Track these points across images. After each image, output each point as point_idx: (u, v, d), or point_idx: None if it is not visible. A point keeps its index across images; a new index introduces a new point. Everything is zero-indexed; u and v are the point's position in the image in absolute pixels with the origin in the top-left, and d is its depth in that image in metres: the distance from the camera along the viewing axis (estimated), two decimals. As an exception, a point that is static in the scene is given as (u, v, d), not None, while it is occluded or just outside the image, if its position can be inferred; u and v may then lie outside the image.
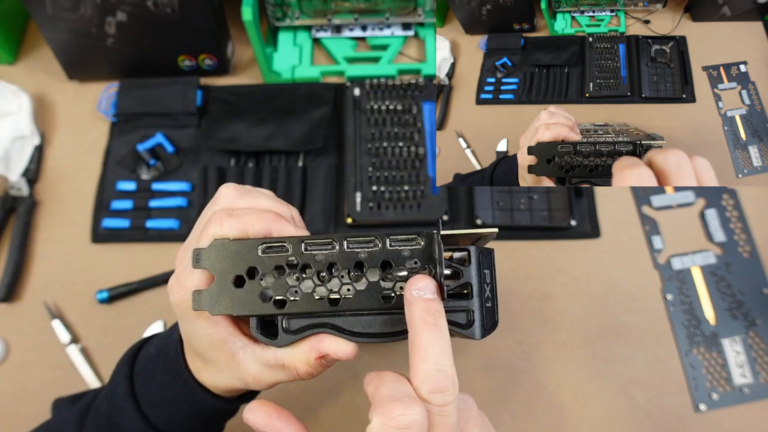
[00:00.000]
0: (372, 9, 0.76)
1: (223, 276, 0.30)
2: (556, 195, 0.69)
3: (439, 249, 0.28)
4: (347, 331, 0.30)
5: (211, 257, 0.30)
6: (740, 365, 0.63)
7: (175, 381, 0.35)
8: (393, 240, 0.29)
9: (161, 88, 0.73)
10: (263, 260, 0.29)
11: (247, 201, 0.33)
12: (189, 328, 0.32)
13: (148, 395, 0.36)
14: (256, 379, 0.32)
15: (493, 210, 0.69)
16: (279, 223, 0.31)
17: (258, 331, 0.30)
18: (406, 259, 0.29)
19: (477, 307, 0.30)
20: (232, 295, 0.29)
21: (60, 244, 0.68)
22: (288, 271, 0.29)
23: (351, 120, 0.72)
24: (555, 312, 0.65)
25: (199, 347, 0.33)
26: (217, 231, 0.30)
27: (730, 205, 0.70)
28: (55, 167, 0.73)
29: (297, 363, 0.31)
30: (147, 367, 0.37)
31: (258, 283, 0.29)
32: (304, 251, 0.29)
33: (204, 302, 0.30)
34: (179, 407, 0.36)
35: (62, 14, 0.67)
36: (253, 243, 0.30)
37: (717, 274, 0.66)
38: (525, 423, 0.60)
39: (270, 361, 0.31)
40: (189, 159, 0.72)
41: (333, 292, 0.29)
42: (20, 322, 0.65)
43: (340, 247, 0.29)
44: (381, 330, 0.30)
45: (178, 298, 0.31)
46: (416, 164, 0.69)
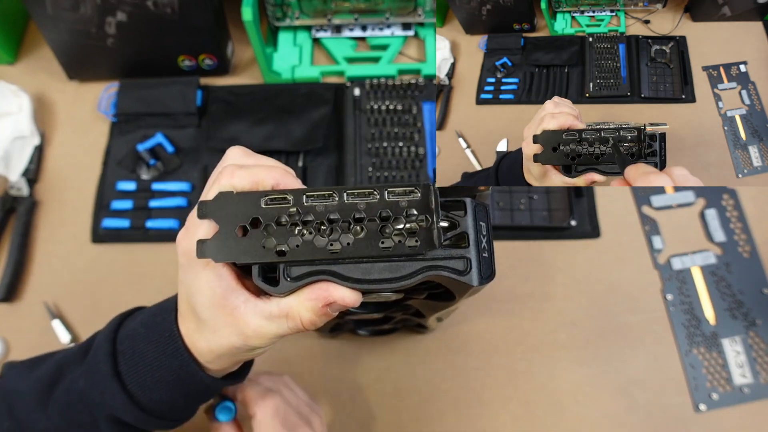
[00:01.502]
0: (372, 9, 0.76)
1: (227, 226, 0.31)
2: (556, 195, 0.69)
3: (435, 199, 0.30)
4: (347, 277, 0.31)
5: (216, 209, 0.31)
6: (740, 365, 0.63)
7: (170, 361, 0.35)
8: (391, 192, 0.30)
9: (161, 88, 0.73)
10: (266, 211, 0.31)
11: (256, 159, 0.34)
12: (194, 280, 0.33)
13: (135, 376, 0.36)
14: (257, 332, 0.32)
15: (493, 210, 0.69)
16: (286, 177, 0.32)
17: (260, 278, 0.31)
18: (403, 210, 0.30)
19: (474, 255, 0.31)
20: (236, 245, 0.31)
21: (60, 244, 0.68)
22: (289, 221, 0.31)
23: (351, 120, 0.72)
24: (555, 312, 0.65)
25: (199, 303, 0.33)
26: (229, 181, 0.32)
27: (730, 205, 0.70)
28: (55, 167, 0.73)
29: (302, 311, 0.31)
30: (134, 346, 0.36)
31: (261, 233, 0.31)
32: (306, 203, 0.31)
33: (208, 251, 0.31)
34: (171, 387, 0.36)
35: (62, 14, 0.67)
36: (256, 195, 0.31)
37: (717, 274, 0.66)
38: (525, 423, 0.60)
39: (273, 312, 0.32)
40: (189, 159, 0.72)
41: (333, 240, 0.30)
42: (20, 322, 0.65)
43: (340, 198, 0.30)
44: (380, 276, 0.31)
45: (186, 248, 0.32)
46: (416, 164, 0.69)
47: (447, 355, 0.63)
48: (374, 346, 0.63)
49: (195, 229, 0.32)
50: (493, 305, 0.65)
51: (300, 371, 0.62)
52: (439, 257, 0.31)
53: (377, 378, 0.62)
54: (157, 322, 0.37)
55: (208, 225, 0.32)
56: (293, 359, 0.63)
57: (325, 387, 0.62)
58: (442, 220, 0.31)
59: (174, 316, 0.36)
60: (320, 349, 0.63)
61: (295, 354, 0.63)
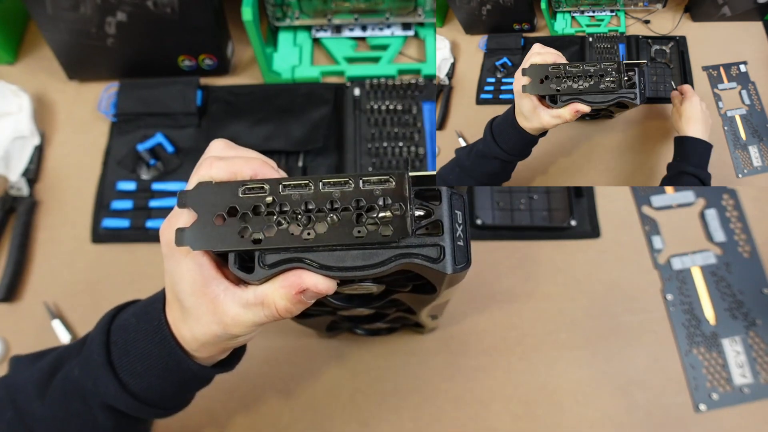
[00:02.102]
0: (372, 9, 0.76)
1: (205, 215, 0.31)
2: (556, 195, 0.69)
3: (409, 187, 0.30)
4: (321, 264, 0.31)
5: (195, 198, 0.32)
6: (740, 365, 0.63)
7: (158, 350, 0.36)
8: (365, 181, 0.31)
9: (161, 88, 0.73)
10: (243, 200, 0.31)
11: (236, 151, 0.35)
12: (176, 268, 0.34)
13: (128, 364, 0.37)
14: (235, 319, 0.33)
15: (493, 210, 0.69)
16: (265, 168, 0.33)
17: (236, 266, 0.32)
18: (378, 198, 0.31)
19: (448, 243, 0.31)
20: (213, 233, 0.31)
21: (60, 244, 0.68)
22: (265, 210, 0.31)
23: (351, 120, 0.72)
24: (555, 312, 0.65)
25: (181, 291, 0.34)
26: (207, 173, 0.32)
27: (730, 205, 0.70)
28: (55, 167, 0.73)
29: (276, 298, 0.32)
30: (126, 336, 0.38)
31: (237, 222, 0.31)
32: (282, 192, 0.31)
33: (186, 239, 0.31)
34: (160, 375, 0.37)
35: (62, 14, 0.67)
36: (234, 185, 0.32)
37: (717, 274, 0.66)
38: (525, 423, 0.60)
39: (250, 300, 0.33)
40: (189, 159, 0.72)
41: (307, 228, 0.31)
42: (20, 322, 0.65)
43: (315, 187, 0.31)
44: (353, 264, 0.31)
45: (167, 238, 0.33)
46: (416, 164, 0.69)
47: (447, 354, 0.63)
48: (374, 346, 0.63)
49: (176, 219, 0.33)
50: (493, 305, 0.65)
51: (300, 371, 0.62)
52: (413, 245, 0.31)
53: (377, 378, 0.62)
54: (147, 312, 0.38)
55: (188, 214, 0.32)
56: (293, 359, 0.63)
57: (325, 387, 0.62)
58: (417, 208, 0.31)
59: (162, 305, 0.37)
60: (320, 349, 0.63)
61: (295, 354, 0.63)
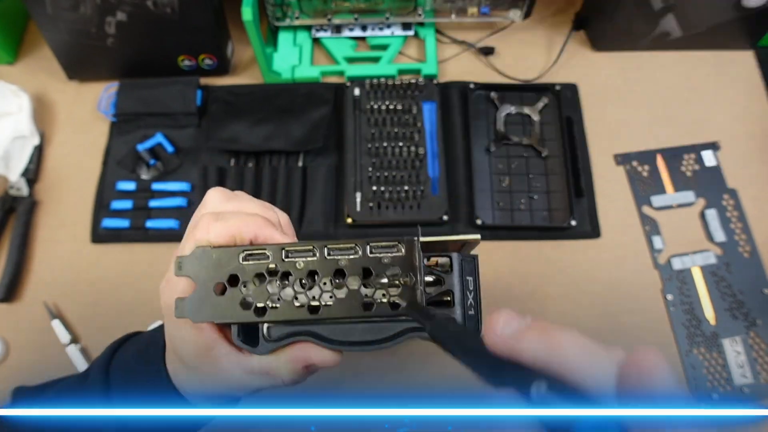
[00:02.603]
0: (372, 9, 0.76)
1: (204, 283, 0.30)
2: (557, 195, 0.69)
3: (419, 257, 0.29)
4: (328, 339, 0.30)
5: (193, 265, 0.30)
6: (740, 365, 0.62)
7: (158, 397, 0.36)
8: (373, 247, 0.29)
9: (161, 88, 0.73)
10: (244, 268, 0.29)
11: (234, 205, 0.32)
12: (176, 332, 0.32)
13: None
14: (240, 383, 0.32)
15: (493, 210, 0.69)
16: (266, 229, 0.31)
17: (239, 338, 0.30)
18: (386, 267, 0.29)
19: (459, 315, 0.30)
20: (214, 303, 0.29)
21: (60, 244, 0.68)
22: (269, 279, 0.29)
23: (351, 120, 0.72)
24: (555, 312, 0.65)
25: (183, 352, 0.32)
26: (204, 236, 0.30)
27: (730, 205, 0.70)
28: (55, 167, 0.73)
29: (282, 371, 0.31)
30: (125, 377, 0.37)
31: (239, 291, 0.29)
32: (285, 258, 0.29)
33: (186, 310, 0.30)
34: None
35: (62, 14, 0.67)
36: (234, 251, 0.30)
37: (717, 274, 0.66)
38: (525, 423, 0.60)
39: (255, 368, 0.31)
40: (189, 159, 0.72)
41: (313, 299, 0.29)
42: (20, 322, 0.65)
43: (320, 254, 0.29)
44: (361, 338, 0.30)
45: (167, 301, 0.32)
46: (416, 164, 0.69)
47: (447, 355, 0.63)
48: (374, 346, 0.63)
49: (174, 284, 0.32)
50: (493, 305, 0.65)
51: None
52: None
53: (377, 378, 0.62)
54: (149, 355, 0.37)
55: (185, 280, 0.31)
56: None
57: (325, 387, 0.62)
58: (426, 275, 0.30)
59: (163, 353, 0.36)
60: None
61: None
